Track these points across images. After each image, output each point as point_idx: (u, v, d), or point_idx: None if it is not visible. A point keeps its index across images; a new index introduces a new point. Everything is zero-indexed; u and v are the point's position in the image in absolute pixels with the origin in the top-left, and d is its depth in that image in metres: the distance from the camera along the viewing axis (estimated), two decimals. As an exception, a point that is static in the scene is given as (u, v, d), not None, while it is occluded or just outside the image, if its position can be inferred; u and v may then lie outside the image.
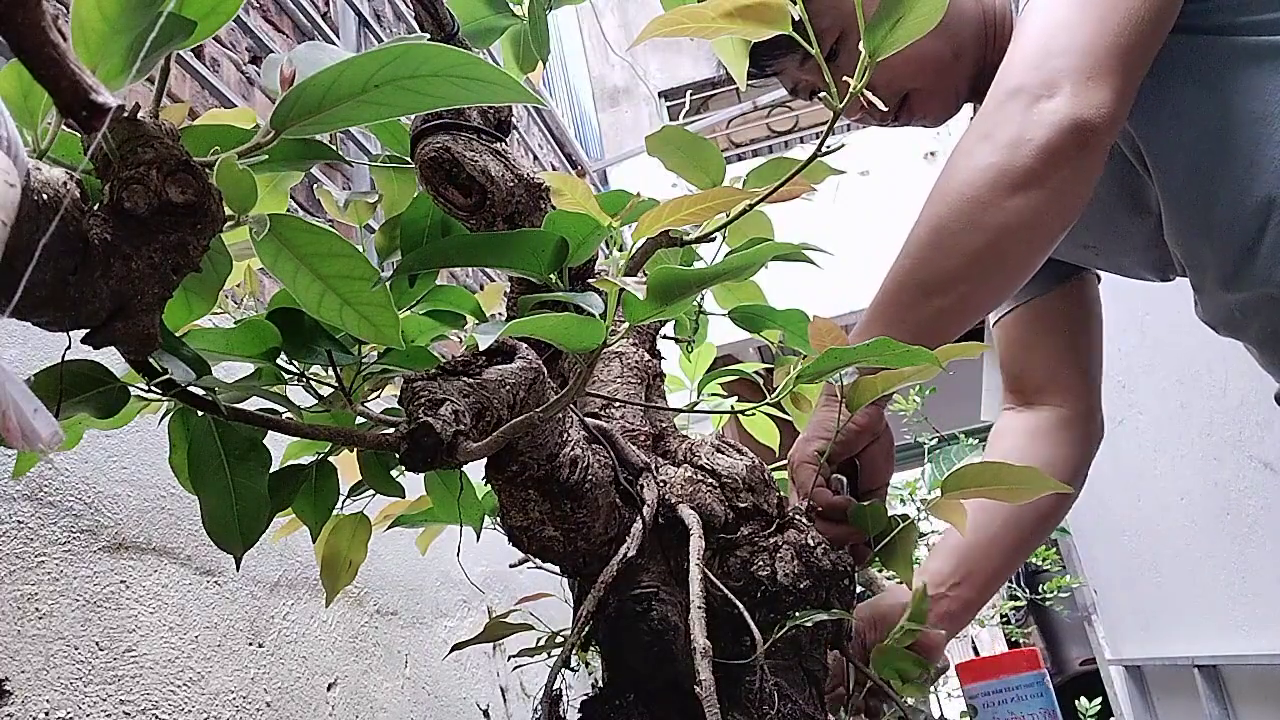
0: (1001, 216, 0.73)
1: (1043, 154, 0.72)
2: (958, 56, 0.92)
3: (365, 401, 0.70)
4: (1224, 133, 0.82)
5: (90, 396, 0.55)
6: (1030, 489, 0.75)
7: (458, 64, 0.43)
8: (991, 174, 0.74)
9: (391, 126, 0.75)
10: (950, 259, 0.76)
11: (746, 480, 0.75)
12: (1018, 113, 0.74)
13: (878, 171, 4.49)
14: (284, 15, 2.05)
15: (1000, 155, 0.74)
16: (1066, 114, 0.72)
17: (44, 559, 0.85)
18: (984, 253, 0.75)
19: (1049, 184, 0.73)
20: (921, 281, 0.77)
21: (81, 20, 0.42)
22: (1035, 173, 0.73)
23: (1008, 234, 0.74)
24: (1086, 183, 0.75)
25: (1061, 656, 5.26)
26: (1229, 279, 0.86)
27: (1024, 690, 0.86)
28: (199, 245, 0.44)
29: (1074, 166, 0.73)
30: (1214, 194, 0.84)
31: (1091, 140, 0.73)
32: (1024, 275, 0.80)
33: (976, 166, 0.75)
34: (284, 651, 1.15)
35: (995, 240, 0.74)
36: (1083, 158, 0.73)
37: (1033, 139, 0.73)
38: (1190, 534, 2.26)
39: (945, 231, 0.76)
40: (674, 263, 0.76)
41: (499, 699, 1.71)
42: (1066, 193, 0.74)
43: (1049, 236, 0.77)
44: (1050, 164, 0.73)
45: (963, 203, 0.75)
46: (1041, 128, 0.73)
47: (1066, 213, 0.76)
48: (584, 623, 0.65)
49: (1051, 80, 0.74)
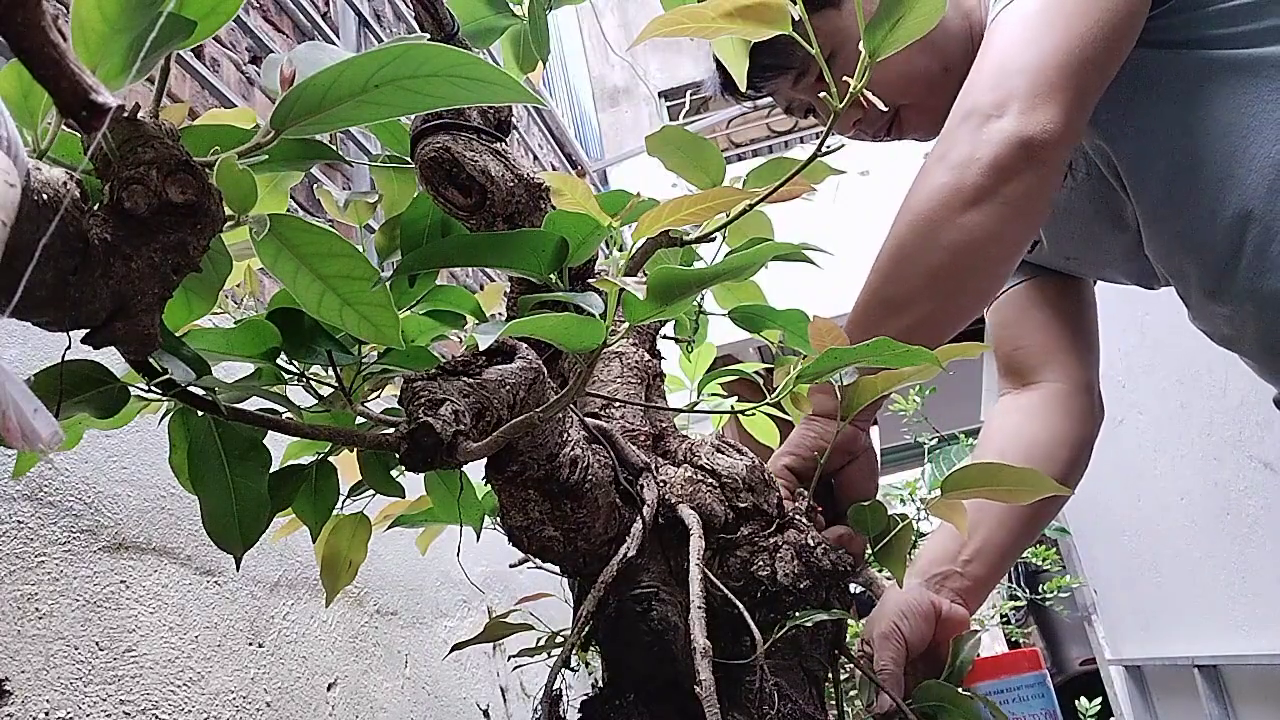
0: (955, 234, 0.76)
1: (991, 171, 0.75)
2: (947, 71, 0.93)
3: (365, 401, 0.70)
4: (1198, 146, 0.82)
5: (90, 396, 0.55)
6: (1030, 489, 0.75)
7: (458, 64, 0.43)
8: (945, 193, 0.77)
9: (391, 126, 0.75)
10: (911, 278, 0.79)
11: (746, 480, 0.75)
12: (969, 134, 0.77)
13: (878, 171, 4.49)
14: (284, 15, 2.05)
15: (952, 175, 0.77)
16: (1013, 132, 0.75)
17: (44, 559, 0.85)
18: (942, 270, 0.77)
19: (999, 200, 0.75)
20: (885, 300, 0.80)
21: (81, 20, 0.42)
22: (985, 189, 0.75)
23: (963, 251, 0.77)
24: (1038, 198, 0.77)
25: (1061, 656, 5.25)
26: (1213, 292, 0.86)
27: (1025, 690, 0.85)
28: (199, 245, 0.44)
29: (1022, 182, 0.76)
30: (1190, 208, 0.84)
31: (1039, 156, 0.75)
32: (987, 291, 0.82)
33: (931, 186, 0.78)
34: (284, 651, 1.15)
35: (952, 258, 0.77)
36: (1030, 173, 0.76)
37: (981, 157, 0.76)
38: (1190, 534, 2.26)
39: (905, 250, 0.79)
40: (674, 263, 0.76)
41: (499, 699, 1.71)
42: (1018, 208, 0.76)
43: (1005, 251, 0.79)
44: (999, 180, 0.75)
45: (920, 222, 0.78)
46: (990, 146, 0.76)
47: (1021, 227, 0.78)
48: (584, 623, 0.65)
49: (1002, 100, 0.77)
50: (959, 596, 0.90)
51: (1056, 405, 1.04)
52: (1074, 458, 1.03)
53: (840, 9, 0.96)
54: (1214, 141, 0.81)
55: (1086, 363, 1.08)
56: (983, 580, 0.93)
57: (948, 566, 0.92)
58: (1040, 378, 1.07)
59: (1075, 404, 1.05)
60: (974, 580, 0.92)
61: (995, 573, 0.95)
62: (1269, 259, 0.79)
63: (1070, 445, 1.03)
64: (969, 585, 0.92)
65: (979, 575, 0.93)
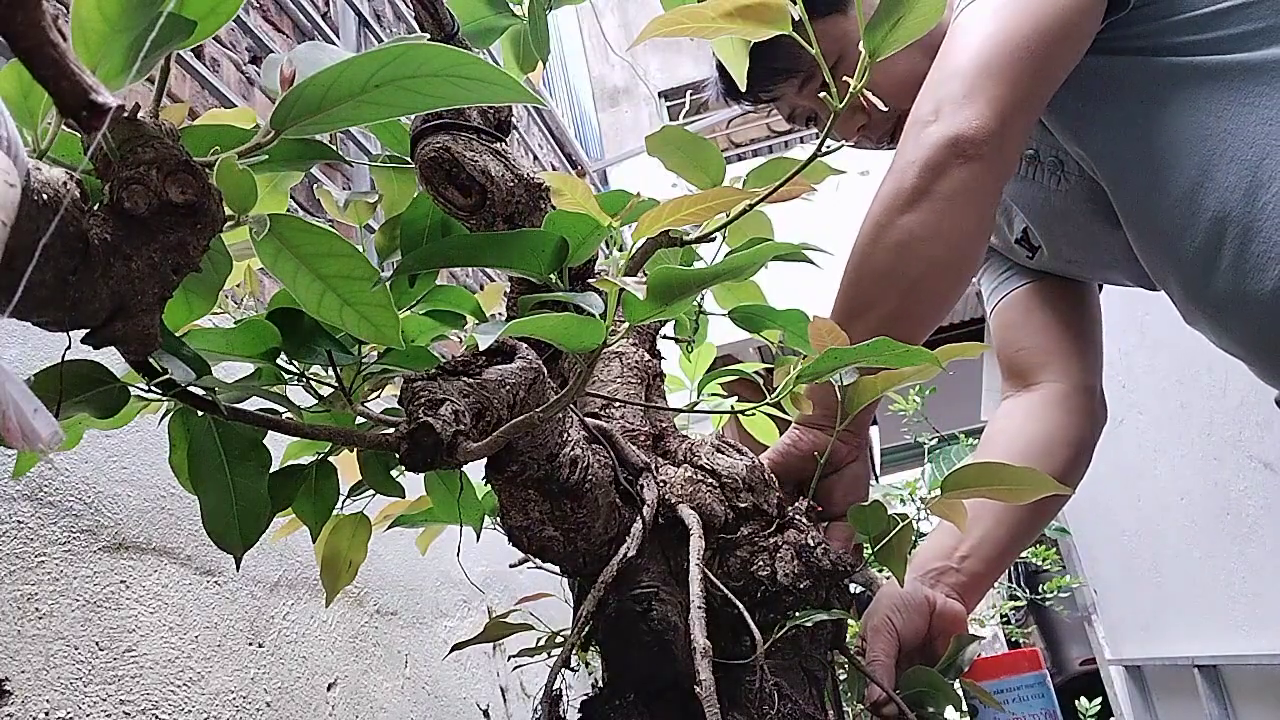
0: (897, 234, 0.80)
1: (924, 171, 0.79)
2: None
3: (365, 401, 0.70)
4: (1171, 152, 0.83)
5: (90, 396, 0.55)
6: (1030, 489, 0.75)
7: (458, 64, 0.43)
8: (888, 198, 0.81)
9: (391, 126, 0.75)
10: (865, 283, 0.82)
11: (746, 480, 0.75)
12: (910, 141, 0.81)
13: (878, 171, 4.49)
14: (284, 15, 2.05)
15: (893, 181, 0.81)
16: (941, 133, 0.79)
17: (44, 559, 0.85)
18: (892, 271, 0.81)
19: (932, 196, 0.79)
20: (849, 307, 0.83)
21: (81, 20, 0.42)
22: (919, 189, 0.79)
23: (906, 249, 0.80)
24: (973, 192, 0.80)
25: (1061, 656, 5.25)
26: (1194, 296, 0.86)
27: (1025, 690, 0.85)
28: (199, 245, 0.44)
29: (952, 178, 0.79)
30: (1165, 212, 0.85)
31: (969, 151, 0.78)
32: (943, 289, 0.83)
33: (880, 196, 0.82)
34: (284, 651, 1.15)
35: (897, 257, 0.80)
36: (960, 169, 0.79)
37: (915, 160, 0.80)
38: (1190, 534, 2.26)
39: (859, 257, 0.83)
40: (674, 263, 0.76)
41: (499, 699, 1.71)
42: (952, 202, 0.79)
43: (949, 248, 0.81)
44: (930, 178, 0.79)
45: (869, 228, 0.82)
46: (922, 149, 0.80)
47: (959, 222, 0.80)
48: (584, 623, 0.65)
49: (935, 108, 0.81)
50: (955, 592, 0.90)
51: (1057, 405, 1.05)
52: (1074, 457, 1.03)
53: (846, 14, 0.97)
54: (1187, 146, 0.82)
55: (1088, 364, 1.08)
56: (979, 577, 0.93)
57: (943, 563, 0.92)
58: (1042, 379, 1.07)
59: (1076, 404, 1.05)
60: (970, 576, 0.92)
61: (993, 570, 0.95)
62: (1249, 260, 0.79)
63: (1070, 445, 1.03)
64: (965, 581, 0.92)
65: (975, 572, 0.93)
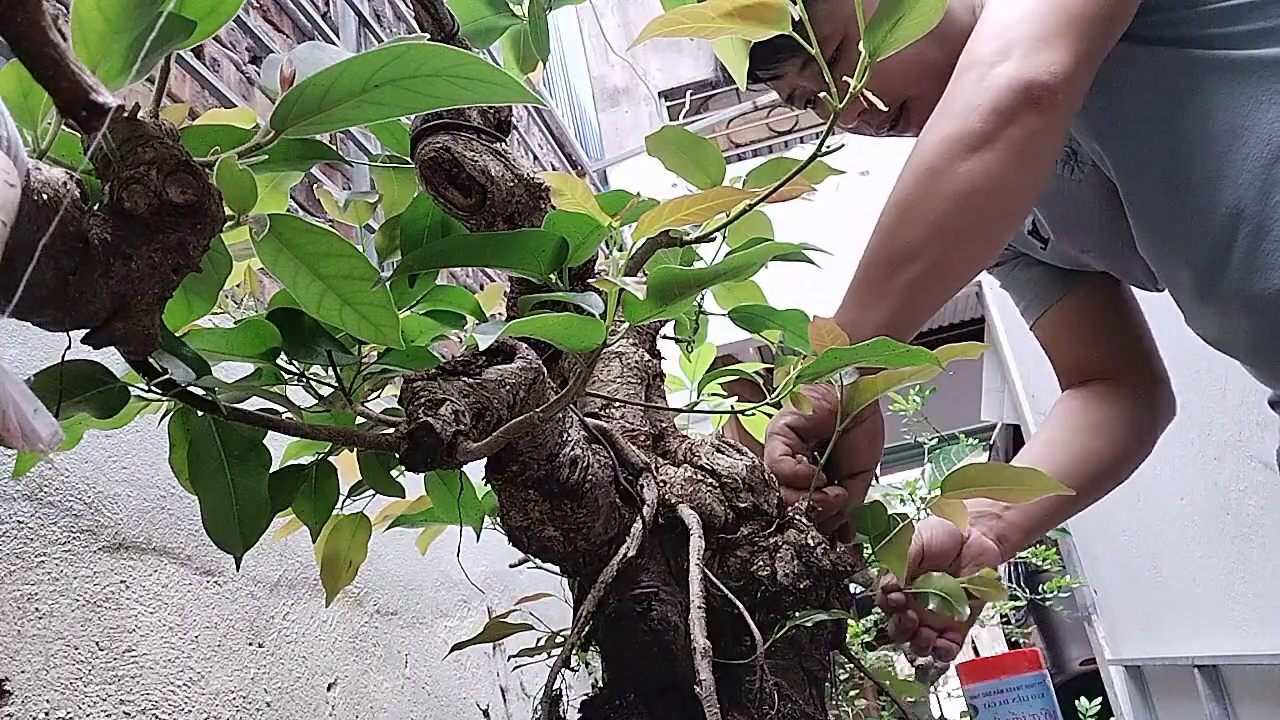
0: (956, 182, 0.74)
1: (992, 115, 0.73)
2: (954, 65, 0.93)
3: (365, 401, 0.70)
4: (1190, 145, 0.82)
5: (90, 396, 0.55)
6: (1031, 489, 0.75)
7: (457, 64, 0.43)
8: (946, 143, 0.74)
9: (391, 126, 0.75)
10: (913, 231, 0.76)
11: (746, 480, 0.75)
12: (971, 83, 0.75)
13: (878, 171, 4.49)
14: (284, 15, 2.05)
15: (953, 124, 0.75)
16: (1014, 75, 0.73)
17: (44, 559, 0.85)
18: (944, 220, 0.75)
19: (1000, 144, 0.73)
20: (888, 257, 0.77)
21: (81, 20, 0.42)
22: (985, 134, 0.73)
23: (965, 199, 0.74)
24: (1042, 142, 0.75)
25: (1061, 656, 5.25)
26: (1203, 293, 0.86)
27: (1025, 690, 0.86)
28: (199, 245, 0.44)
29: (1024, 125, 0.73)
30: (1180, 207, 0.83)
31: (1043, 98, 0.73)
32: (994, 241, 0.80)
33: (933, 138, 0.76)
34: (284, 651, 1.15)
35: (954, 207, 0.74)
36: (1034, 115, 0.73)
37: (981, 103, 0.73)
38: (1190, 534, 2.26)
39: (907, 204, 0.76)
40: (674, 263, 0.76)
41: (499, 699, 1.71)
42: (1021, 152, 0.74)
43: (1009, 200, 0.77)
44: (999, 124, 0.73)
45: (921, 174, 0.76)
46: (990, 91, 0.73)
47: (1025, 173, 0.76)
48: (584, 623, 0.65)
49: (1004, 48, 0.74)
50: (991, 534, 0.92)
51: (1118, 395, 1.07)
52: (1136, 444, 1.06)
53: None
54: (1209, 140, 0.81)
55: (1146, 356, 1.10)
56: (1018, 527, 0.95)
57: (986, 509, 0.94)
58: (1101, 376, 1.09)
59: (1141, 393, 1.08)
60: (1009, 525, 0.94)
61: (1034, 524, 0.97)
62: (1259, 259, 0.79)
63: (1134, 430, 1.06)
64: (1003, 527, 0.94)
65: (1015, 522, 0.95)
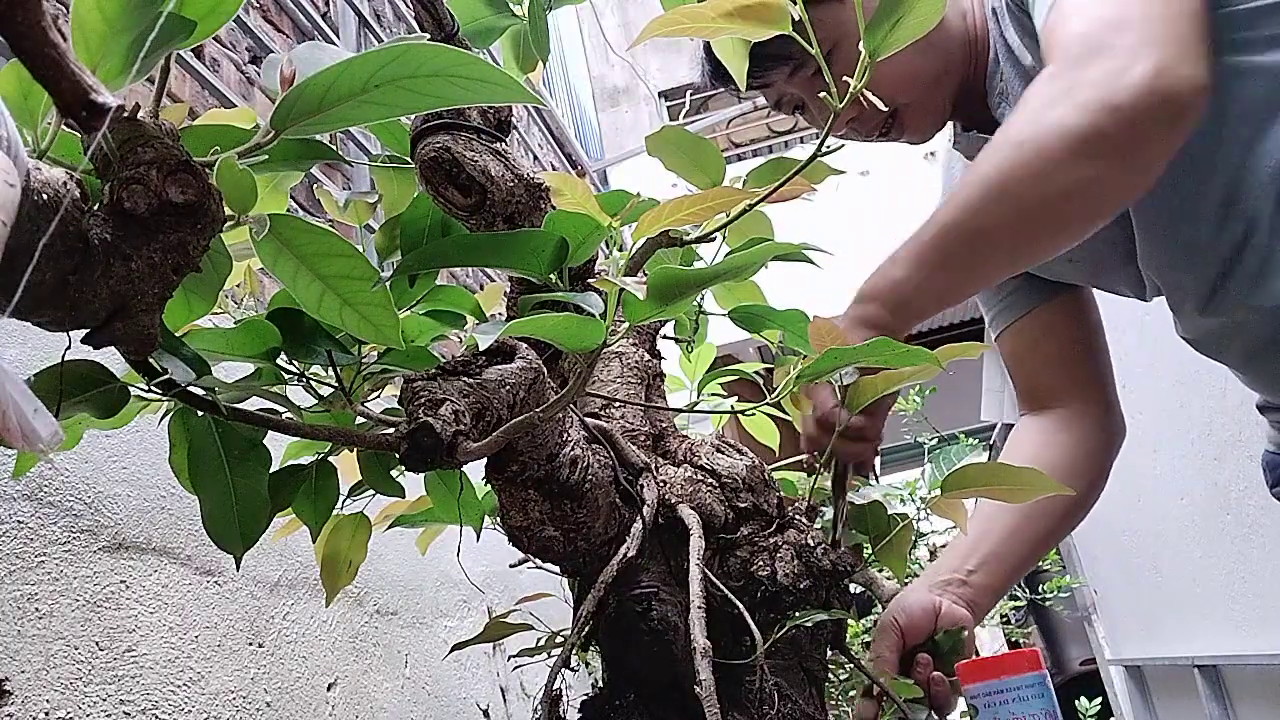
0: (1069, 180, 0.70)
1: (1129, 124, 0.68)
2: (947, 72, 0.93)
3: (365, 401, 0.70)
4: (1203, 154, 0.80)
5: (90, 396, 0.55)
6: (1030, 489, 0.75)
7: (457, 64, 0.43)
8: (1069, 138, 0.69)
9: (391, 126, 0.75)
10: (1007, 212, 0.72)
11: (746, 480, 0.75)
12: (1103, 75, 0.69)
13: (878, 171, 4.49)
14: (284, 15, 2.05)
15: (1081, 117, 0.69)
16: (1157, 85, 0.67)
17: (44, 559, 0.85)
18: (1043, 212, 0.72)
19: (1126, 155, 0.69)
20: (971, 231, 0.74)
21: (81, 20, 0.42)
22: (1115, 144, 0.68)
23: (1072, 198, 0.71)
24: (1163, 160, 0.71)
25: (1061, 656, 5.26)
26: (1206, 301, 0.85)
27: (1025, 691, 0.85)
28: (199, 245, 0.44)
29: (1157, 141, 0.69)
30: (1192, 215, 0.83)
31: (1182, 116, 0.68)
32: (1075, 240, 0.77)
33: (1051, 125, 0.70)
34: (284, 651, 1.15)
35: (1059, 202, 0.71)
36: (1170, 134, 0.69)
37: (1120, 106, 0.67)
38: (1190, 534, 2.26)
39: (1008, 184, 0.72)
40: (674, 263, 0.76)
41: (499, 699, 1.71)
42: (1142, 167, 0.70)
43: (1111, 207, 0.74)
44: (1135, 135, 0.68)
45: (1032, 159, 0.71)
46: (1128, 93, 0.67)
47: (1135, 187, 0.73)
48: (584, 623, 0.65)
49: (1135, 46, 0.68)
50: (961, 600, 0.91)
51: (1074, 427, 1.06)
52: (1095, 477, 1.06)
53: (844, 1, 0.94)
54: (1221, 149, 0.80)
55: (1101, 383, 1.10)
56: (987, 589, 0.95)
57: (952, 574, 0.94)
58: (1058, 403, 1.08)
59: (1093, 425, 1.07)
60: (976, 588, 0.94)
61: (1002, 583, 0.97)
62: (1270, 267, 0.79)
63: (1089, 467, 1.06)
64: (972, 593, 0.93)
65: (983, 584, 0.94)
